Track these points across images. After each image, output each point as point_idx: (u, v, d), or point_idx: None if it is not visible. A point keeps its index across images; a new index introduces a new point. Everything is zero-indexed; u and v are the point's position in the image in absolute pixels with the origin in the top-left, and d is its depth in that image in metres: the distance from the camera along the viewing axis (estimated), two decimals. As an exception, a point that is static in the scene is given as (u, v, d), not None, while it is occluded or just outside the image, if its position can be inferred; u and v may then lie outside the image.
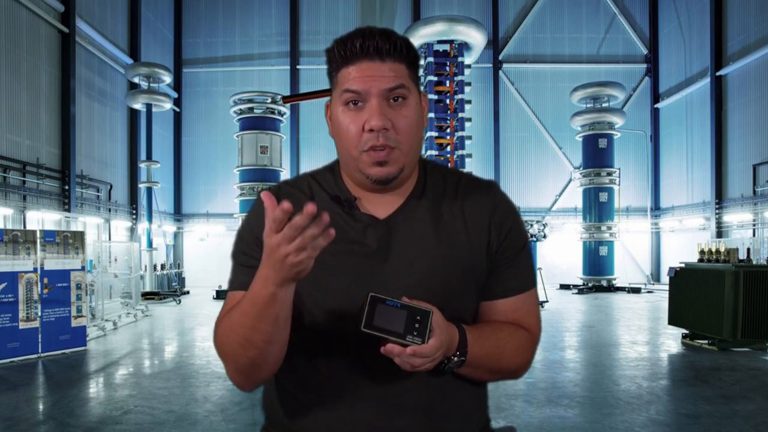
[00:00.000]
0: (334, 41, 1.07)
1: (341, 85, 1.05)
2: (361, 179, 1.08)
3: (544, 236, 15.86)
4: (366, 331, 0.92)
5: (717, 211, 16.66)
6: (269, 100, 17.18)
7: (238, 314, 1.01)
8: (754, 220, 15.13)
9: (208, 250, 20.33)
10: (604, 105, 18.50)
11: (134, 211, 17.51)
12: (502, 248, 1.13)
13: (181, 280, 18.32)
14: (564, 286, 18.46)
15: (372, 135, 1.03)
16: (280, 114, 17.51)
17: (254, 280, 0.96)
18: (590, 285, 17.71)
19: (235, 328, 1.01)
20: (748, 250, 8.91)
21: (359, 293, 0.97)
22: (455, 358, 1.01)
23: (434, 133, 15.85)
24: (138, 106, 16.84)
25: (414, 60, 1.08)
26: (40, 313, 7.11)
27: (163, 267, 17.76)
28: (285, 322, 0.99)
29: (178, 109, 20.57)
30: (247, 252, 1.12)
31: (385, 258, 1.07)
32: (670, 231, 20.08)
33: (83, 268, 7.77)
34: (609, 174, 18.17)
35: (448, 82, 16.07)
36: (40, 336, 7.09)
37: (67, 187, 13.53)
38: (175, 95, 20.25)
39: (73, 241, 7.64)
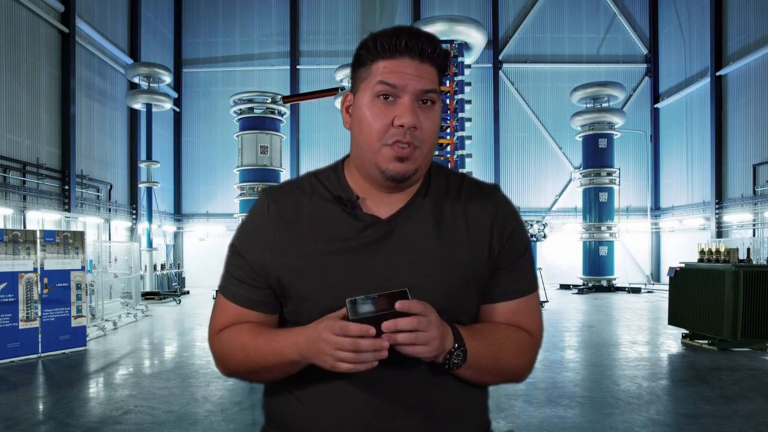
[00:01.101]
0: (374, 33, 1.07)
1: (375, 76, 1.05)
2: (375, 174, 1.08)
3: (544, 236, 15.87)
4: (355, 318, 0.92)
5: (717, 211, 16.66)
6: (269, 100, 17.18)
7: (254, 351, 1.08)
8: (754, 220, 15.13)
9: (208, 250, 20.32)
10: (604, 105, 18.50)
11: (134, 211, 17.50)
12: (503, 252, 1.13)
13: (181, 280, 18.31)
14: (564, 286, 18.47)
15: (400, 131, 1.04)
16: (280, 114, 17.52)
17: (287, 338, 1.04)
18: (590, 285, 17.71)
19: (246, 357, 1.10)
20: (748, 250, 8.91)
21: (358, 293, 0.97)
22: (455, 351, 1.01)
23: (434, 133, 15.82)
24: (138, 106, 16.83)
25: (444, 70, 1.10)
26: (40, 313, 7.11)
27: (163, 267, 17.76)
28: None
29: (178, 109, 20.57)
30: (242, 266, 1.14)
31: (385, 258, 1.07)
32: (670, 231, 20.08)
33: (83, 268, 7.77)
34: (609, 174, 18.18)
35: (448, 82, 16.05)
36: (40, 336, 7.09)
37: (67, 187, 13.53)
38: (175, 95, 20.25)
39: (73, 241, 7.64)
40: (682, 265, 8.21)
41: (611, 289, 17.56)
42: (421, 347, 0.94)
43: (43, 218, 12.11)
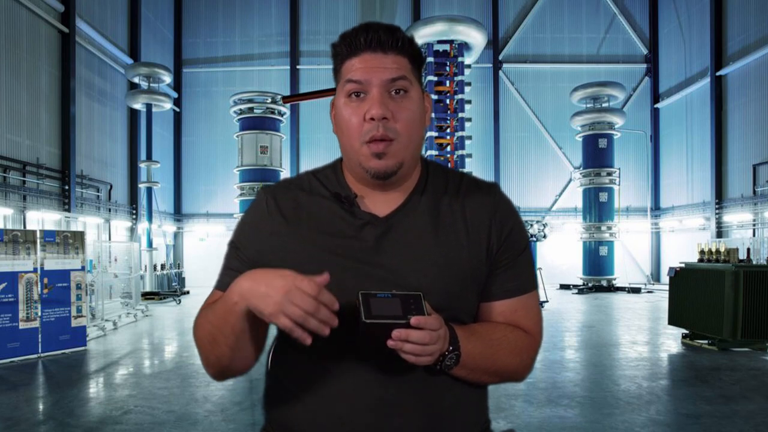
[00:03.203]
0: (340, 35, 1.08)
1: (344, 76, 1.07)
2: (362, 173, 1.09)
3: (544, 236, 15.86)
4: (368, 321, 0.92)
5: (717, 211, 16.66)
6: (269, 100, 17.18)
7: (211, 311, 1.05)
8: (754, 220, 15.13)
9: (208, 250, 20.32)
10: (604, 105, 18.50)
11: (134, 211, 17.50)
12: (502, 250, 1.13)
13: (181, 280, 18.31)
14: (564, 286, 18.46)
15: (372, 125, 1.03)
16: (280, 114, 17.52)
17: (232, 284, 0.98)
18: (590, 285, 17.71)
19: (205, 324, 1.06)
20: (748, 250, 8.91)
21: (356, 291, 0.97)
22: (449, 354, 1.01)
23: (434, 133, 15.85)
24: (138, 106, 16.83)
25: (417, 56, 1.09)
26: (40, 313, 7.10)
27: (163, 267, 17.76)
28: (243, 335, 1.01)
29: (178, 109, 20.57)
30: (240, 258, 1.14)
31: (383, 256, 1.07)
32: (670, 231, 20.08)
33: (83, 268, 7.77)
34: (609, 174, 18.17)
35: (448, 82, 16.07)
36: (40, 336, 7.09)
37: (67, 187, 13.53)
38: (175, 95, 20.24)
39: (73, 241, 7.64)
40: (682, 265, 8.20)
41: (611, 289, 17.55)
42: (424, 358, 0.95)
43: (43, 218, 12.11)
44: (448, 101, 16.03)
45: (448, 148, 15.89)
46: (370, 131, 1.04)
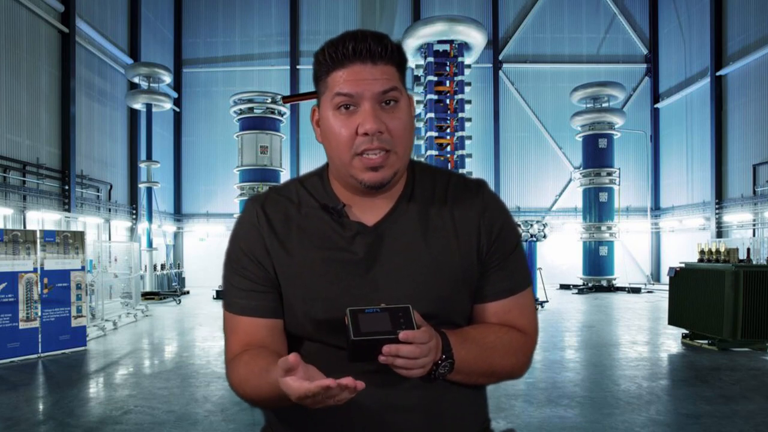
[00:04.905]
0: (324, 44, 1.06)
1: (332, 88, 1.04)
2: (353, 184, 1.07)
3: (544, 236, 15.83)
4: (357, 339, 0.91)
5: (717, 211, 16.66)
6: (269, 100, 17.16)
7: (254, 385, 1.02)
8: (754, 220, 15.13)
9: (208, 250, 20.31)
10: (604, 105, 18.49)
11: (134, 211, 17.50)
12: (492, 250, 1.12)
13: (181, 280, 18.31)
14: (564, 286, 18.46)
15: (366, 138, 1.02)
16: (280, 114, 17.50)
17: (274, 378, 0.91)
18: (590, 285, 17.70)
19: (250, 391, 1.04)
20: (748, 250, 8.91)
21: (349, 302, 0.97)
22: (442, 362, 1.00)
23: (434, 133, 15.84)
24: (138, 106, 16.83)
25: (404, 64, 1.08)
26: (40, 313, 7.10)
27: (163, 267, 17.75)
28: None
29: (178, 109, 20.57)
30: (242, 273, 1.12)
31: (374, 266, 1.07)
32: (670, 231, 20.08)
33: (83, 268, 7.77)
34: (609, 174, 18.16)
35: (448, 82, 16.05)
36: (40, 336, 7.09)
37: (67, 187, 13.53)
38: (175, 95, 20.24)
39: (73, 241, 7.64)
40: (682, 265, 8.20)
41: (611, 289, 17.54)
42: (416, 370, 0.94)
43: (43, 218, 12.11)
44: (448, 101, 16.01)
45: (448, 148, 15.88)
46: (362, 144, 1.02)
